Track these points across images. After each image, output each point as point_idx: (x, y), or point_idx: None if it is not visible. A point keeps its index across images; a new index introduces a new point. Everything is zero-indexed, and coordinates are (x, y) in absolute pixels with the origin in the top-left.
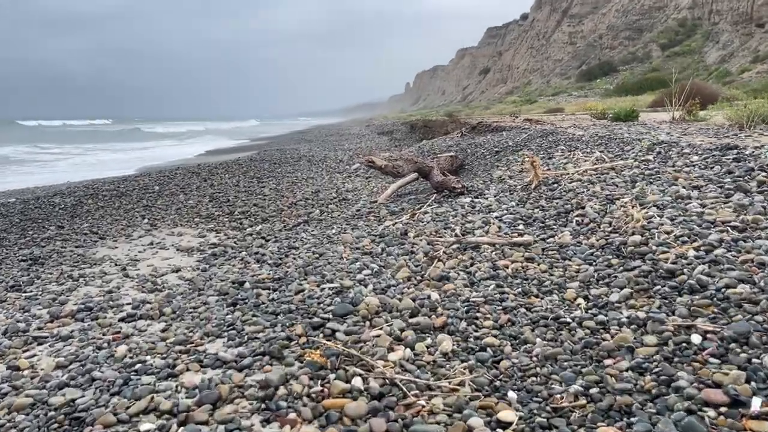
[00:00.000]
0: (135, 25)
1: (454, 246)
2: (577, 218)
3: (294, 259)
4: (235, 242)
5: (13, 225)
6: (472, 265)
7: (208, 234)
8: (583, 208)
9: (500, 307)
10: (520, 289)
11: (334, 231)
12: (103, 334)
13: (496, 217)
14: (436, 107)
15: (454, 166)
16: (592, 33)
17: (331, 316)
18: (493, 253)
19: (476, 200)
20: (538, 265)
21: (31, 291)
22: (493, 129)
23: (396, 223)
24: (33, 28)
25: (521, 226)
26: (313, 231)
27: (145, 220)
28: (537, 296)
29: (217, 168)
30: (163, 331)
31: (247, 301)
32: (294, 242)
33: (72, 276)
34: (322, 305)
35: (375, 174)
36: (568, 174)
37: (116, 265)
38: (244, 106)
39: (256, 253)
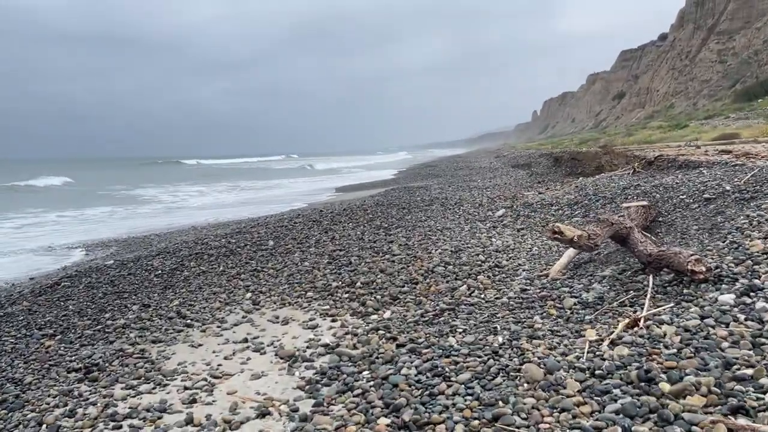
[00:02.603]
0: (273, 68)
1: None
2: None
3: (446, 405)
4: (355, 345)
5: (95, 300)
6: None
7: (321, 322)
8: None
9: None
10: None
11: (500, 340)
12: None
13: None
14: (567, 135)
15: (648, 220)
16: (745, 49)
17: None
18: None
19: (745, 299)
20: None
21: None
22: (681, 165)
23: (612, 338)
24: (186, 74)
25: None
26: (463, 327)
27: (248, 294)
28: None
29: (340, 215)
30: None
31: None
32: (439, 357)
33: (115, 417)
34: None
35: (529, 224)
36: None
37: (185, 389)
38: (370, 140)
39: (384, 382)
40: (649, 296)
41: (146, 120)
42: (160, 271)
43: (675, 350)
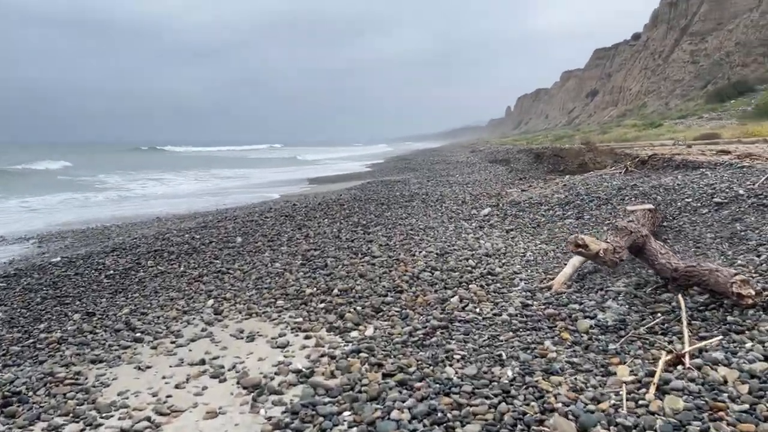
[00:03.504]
0: (252, 57)
1: None
2: None
3: None
4: (333, 372)
5: (31, 307)
6: None
7: (292, 339)
8: None
9: None
10: None
11: (509, 374)
12: None
13: None
14: (540, 131)
15: (656, 226)
16: (717, 50)
17: None
18: None
19: None
20: None
21: None
22: (679, 165)
23: (656, 383)
24: (164, 60)
25: None
26: (460, 353)
27: (210, 302)
28: None
29: (315, 210)
30: None
31: None
32: (436, 394)
33: None
34: None
35: (518, 225)
36: None
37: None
38: (347, 132)
39: (372, 430)
40: (685, 323)
41: (125, 106)
42: (112, 271)
43: (746, 405)
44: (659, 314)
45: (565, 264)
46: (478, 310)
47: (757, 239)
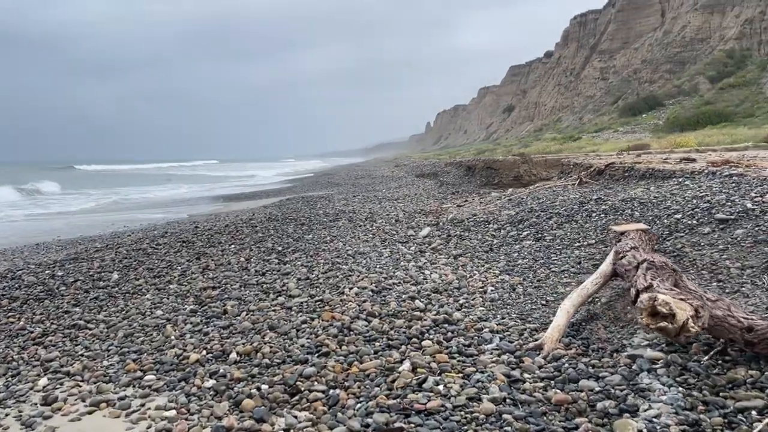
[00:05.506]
0: (165, 72)
1: None
2: None
3: None
4: None
5: None
6: None
7: None
8: None
9: None
10: None
11: None
12: None
13: None
14: (460, 146)
15: (653, 248)
16: (625, 68)
17: None
18: None
19: None
20: None
21: None
22: (644, 175)
23: None
24: (72, 76)
25: None
26: None
27: (43, 380)
28: None
29: (221, 233)
30: None
31: None
32: None
33: None
34: None
35: (466, 248)
36: None
37: None
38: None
39: None
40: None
41: (32, 122)
42: None
43: None
44: (745, 405)
45: (545, 304)
46: (441, 388)
47: None
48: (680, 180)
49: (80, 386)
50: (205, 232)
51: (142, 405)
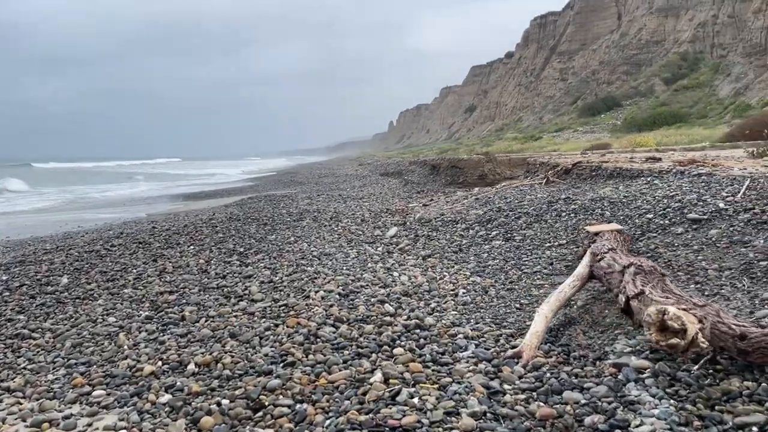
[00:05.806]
0: (126, 68)
1: None
2: None
3: None
4: None
5: None
6: None
7: None
8: None
9: None
10: None
11: None
12: None
13: None
14: (423, 145)
15: (628, 249)
16: (583, 69)
17: None
18: None
19: None
20: None
21: None
22: (612, 174)
23: None
24: (22, 69)
25: None
26: None
27: None
28: None
29: (179, 234)
30: None
31: None
32: None
33: None
34: None
35: (435, 249)
36: None
37: None
38: (225, 145)
39: None
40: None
41: None
42: None
43: None
44: (755, 430)
45: (520, 308)
46: (416, 401)
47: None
48: (648, 179)
49: (21, 404)
50: (163, 232)
51: (89, 425)
